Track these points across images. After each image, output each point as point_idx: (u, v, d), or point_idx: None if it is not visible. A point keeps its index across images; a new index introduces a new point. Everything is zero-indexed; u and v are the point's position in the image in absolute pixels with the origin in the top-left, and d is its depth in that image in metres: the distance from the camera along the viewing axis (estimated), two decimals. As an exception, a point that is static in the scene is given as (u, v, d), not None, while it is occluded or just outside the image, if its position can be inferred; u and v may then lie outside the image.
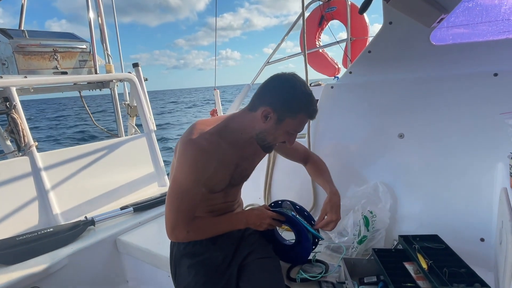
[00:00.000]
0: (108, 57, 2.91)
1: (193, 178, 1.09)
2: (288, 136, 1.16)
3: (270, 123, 1.12)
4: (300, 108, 1.11)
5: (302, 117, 1.13)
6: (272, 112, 1.10)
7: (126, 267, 1.95)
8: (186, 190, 1.09)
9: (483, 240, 1.35)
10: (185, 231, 1.12)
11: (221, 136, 1.15)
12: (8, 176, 1.88)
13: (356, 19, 3.55)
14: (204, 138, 1.10)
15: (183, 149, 1.10)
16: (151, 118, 2.76)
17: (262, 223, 1.22)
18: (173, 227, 1.11)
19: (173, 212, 1.11)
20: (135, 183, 2.48)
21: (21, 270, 1.53)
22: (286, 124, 1.12)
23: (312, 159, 1.52)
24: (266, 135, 1.16)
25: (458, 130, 1.45)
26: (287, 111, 1.10)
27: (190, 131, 1.13)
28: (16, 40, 2.23)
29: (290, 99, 1.10)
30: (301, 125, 1.15)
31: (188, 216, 1.12)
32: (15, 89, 1.99)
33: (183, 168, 1.09)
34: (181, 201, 1.10)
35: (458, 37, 1.62)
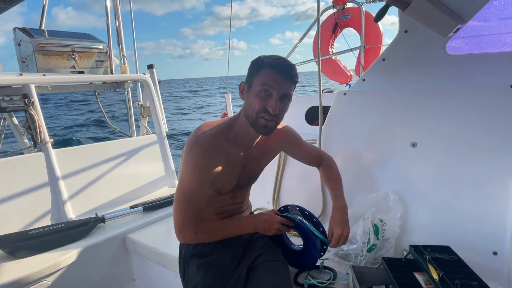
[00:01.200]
0: (123, 58, 2.97)
1: (197, 180, 1.11)
2: (260, 98, 1.08)
3: (245, 95, 1.15)
4: (262, 65, 1.08)
5: (265, 71, 1.08)
6: (244, 83, 1.15)
7: (134, 266, 1.97)
8: (192, 191, 1.11)
9: (496, 253, 1.32)
10: (192, 232, 1.13)
11: (225, 137, 1.16)
12: (23, 171, 1.92)
13: (370, 27, 3.55)
14: (206, 139, 1.11)
15: (186, 150, 1.11)
16: (163, 119, 2.79)
17: (270, 228, 1.22)
18: (181, 228, 1.13)
19: (180, 214, 1.12)
20: (145, 183, 2.51)
21: (32, 264, 1.56)
22: (254, 86, 1.10)
23: (325, 164, 1.49)
24: (247, 109, 1.13)
25: (472, 141, 1.43)
26: (252, 73, 1.11)
27: (194, 133, 1.15)
28: (37, 39, 2.30)
29: (254, 62, 1.12)
30: (266, 79, 1.07)
31: (195, 218, 1.13)
32: (34, 87, 2.04)
33: (187, 170, 1.11)
34: (187, 203, 1.11)
35: (475, 47, 1.61)
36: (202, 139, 1.11)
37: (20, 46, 2.39)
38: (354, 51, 3.46)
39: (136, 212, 2.12)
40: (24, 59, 2.36)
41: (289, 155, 1.55)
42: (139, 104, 3.05)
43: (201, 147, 1.10)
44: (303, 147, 1.47)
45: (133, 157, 2.47)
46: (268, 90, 1.08)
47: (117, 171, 2.35)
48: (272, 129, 1.15)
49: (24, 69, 2.37)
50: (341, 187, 1.41)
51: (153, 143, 2.63)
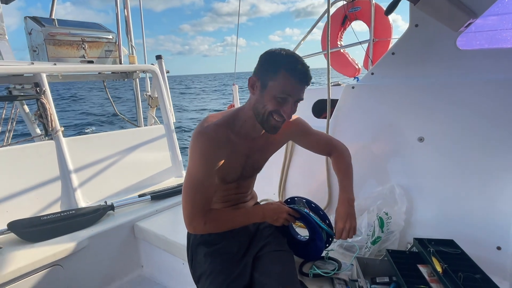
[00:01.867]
0: (132, 48, 2.99)
1: (204, 169, 1.12)
2: (276, 102, 1.07)
3: (257, 93, 1.11)
4: (280, 67, 1.05)
5: (283, 76, 1.05)
6: (256, 79, 1.10)
7: (142, 253, 2.01)
8: (199, 181, 1.12)
9: (500, 248, 1.33)
10: (202, 222, 1.14)
11: (229, 127, 1.17)
12: (35, 159, 1.97)
13: (380, 20, 3.51)
14: (211, 128, 1.13)
15: (192, 141, 1.13)
16: (171, 110, 2.82)
17: (278, 218, 1.25)
18: (190, 218, 1.14)
19: (189, 204, 1.13)
20: (153, 172, 2.55)
21: (45, 248, 1.61)
22: (270, 88, 1.07)
23: (336, 152, 1.46)
24: (258, 107, 1.12)
25: (479, 137, 1.43)
26: (268, 73, 1.07)
27: (200, 124, 1.16)
28: (47, 28, 2.32)
29: (269, 60, 1.08)
30: (285, 86, 1.06)
31: (204, 207, 1.14)
32: (45, 76, 2.07)
33: (194, 160, 1.12)
34: (195, 193, 1.12)
35: (485, 42, 1.59)
36: (208, 129, 1.13)
37: (31, 35, 2.42)
38: (362, 45, 3.43)
39: (144, 201, 2.17)
40: (35, 48, 2.39)
41: (298, 144, 1.53)
42: (147, 94, 3.08)
43: (207, 136, 1.11)
44: (312, 136, 1.44)
45: (141, 147, 2.50)
46: (285, 97, 1.08)
47: (125, 160, 2.39)
48: (279, 129, 1.17)
49: (35, 58, 2.40)
50: (349, 179, 1.39)
51: (161, 134, 2.66)
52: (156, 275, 1.98)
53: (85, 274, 1.76)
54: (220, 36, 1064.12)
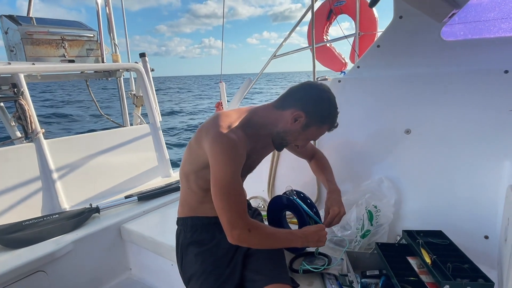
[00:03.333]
0: (115, 46, 2.92)
1: (232, 171, 1.07)
2: (306, 141, 1.25)
3: (296, 126, 1.18)
4: (327, 121, 1.20)
5: (325, 128, 1.22)
6: (304, 117, 1.16)
7: (129, 255, 1.97)
8: (231, 185, 1.06)
9: (487, 237, 1.34)
10: (246, 229, 1.05)
11: (245, 130, 1.16)
12: (15, 162, 1.90)
13: (365, 14, 3.51)
14: (233, 132, 1.10)
15: (214, 143, 1.07)
16: (157, 109, 2.76)
17: (320, 237, 1.19)
18: (231, 226, 1.05)
19: (227, 212, 1.05)
20: (139, 173, 2.50)
21: (27, 254, 1.56)
22: (310, 131, 1.19)
23: (317, 156, 1.60)
24: (288, 136, 1.20)
25: (466, 127, 1.44)
26: (317, 120, 1.18)
27: (216, 124, 1.11)
28: (24, 27, 2.23)
29: (324, 111, 1.18)
30: (321, 135, 1.25)
31: (242, 212, 1.07)
32: (23, 76, 2.00)
33: (221, 164, 1.06)
34: (230, 197, 1.05)
35: (469, 33, 1.60)
36: (231, 132, 1.09)
37: (7, 34, 2.33)
38: (348, 38, 3.43)
39: (131, 202, 2.12)
40: (12, 47, 2.30)
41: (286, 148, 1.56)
42: (132, 93, 3.01)
43: (231, 139, 1.07)
44: None
45: (127, 147, 2.44)
46: (314, 139, 1.24)
47: (110, 161, 2.33)
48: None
49: (12, 58, 2.31)
50: (333, 174, 1.52)
51: (147, 133, 2.60)
52: (145, 277, 1.94)
53: (71, 280, 1.70)
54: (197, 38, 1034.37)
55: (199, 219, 1.27)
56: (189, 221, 1.28)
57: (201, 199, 1.25)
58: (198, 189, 1.24)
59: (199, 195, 1.25)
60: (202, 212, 1.27)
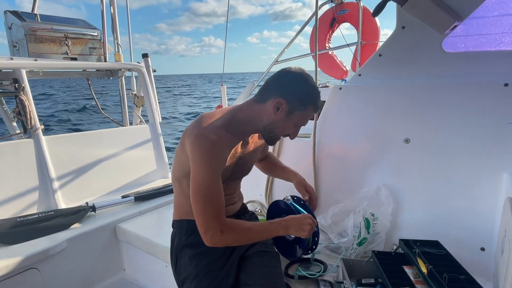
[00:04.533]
0: (118, 46, 2.93)
1: (210, 173, 1.06)
2: (294, 128, 1.20)
3: (280, 115, 1.14)
4: (310, 102, 1.16)
5: (310, 110, 1.17)
6: (285, 103, 1.12)
7: (124, 255, 1.96)
8: (208, 187, 1.05)
9: (484, 249, 1.34)
10: (219, 231, 1.05)
11: (227, 129, 1.14)
12: (13, 158, 1.89)
13: (368, 23, 3.54)
14: (212, 131, 1.08)
15: (194, 144, 1.07)
16: (157, 109, 2.77)
17: (302, 225, 1.16)
18: (205, 229, 1.05)
19: (201, 214, 1.05)
20: (137, 173, 2.49)
21: (20, 251, 1.54)
22: (295, 116, 1.15)
23: (269, 155, 1.65)
24: (275, 127, 1.17)
25: (465, 138, 1.44)
26: (298, 104, 1.14)
27: (197, 125, 1.12)
28: (28, 23, 2.24)
29: (302, 92, 1.14)
30: (308, 118, 1.20)
31: (217, 215, 1.06)
32: (25, 72, 2.00)
33: (199, 166, 1.06)
34: (205, 200, 1.05)
35: (470, 45, 1.61)
36: (208, 131, 1.08)
37: (11, 29, 2.33)
38: (350, 47, 3.45)
39: (128, 202, 2.11)
40: (15, 43, 2.30)
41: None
42: (132, 93, 3.02)
43: (210, 141, 1.06)
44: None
45: (126, 147, 2.44)
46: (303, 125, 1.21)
47: (109, 160, 2.32)
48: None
49: (15, 54, 2.31)
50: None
51: (146, 133, 2.60)
52: (139, 278, 1.92)
53: (64, 278, 1.69)
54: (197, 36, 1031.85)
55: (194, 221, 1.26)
56: (185, 224, 1.27)
57: None
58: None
59: None
60: None
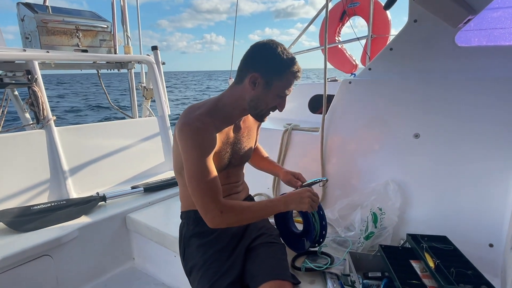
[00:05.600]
0: (127, 38, 2.94)
1: (200, 156, 1.09)
2: (279, 99, 1.17)
3: (259, 89, 1.14)
4: (285, 68, 1.12)
5: (288, 77, 1.14)
6: (260, 77, 1.12)
7: (133, 244, 2.00)
8: (200, 171, 1.08)
9: (492, 245, 1.34)
10: (218, 211, 1.08)
11: (212, 115, 1.16)
12: (25, 148, 1.93)
13: (379, 16, 3.49)
14: (196, 119, 1.11)
15: (180, 134, 1.10)
16: (166, 102, 2.78)
17: (302, 199, 1.19)
18: (205, 211, 1.08)
19: (199, 198, 1.09)
20: (146, 165, 2.52)
21: (34, 238, 1.58)
22: (275, 87, 1.13)
23: (257, 146, 1.60)
24: (258, 102, 1.16)
25: (475, 134, 1.43)
26: (273, 73, 1.12)
27: (183, 116, 1.14)
28: (40, 15, 2.27)
29: (274, 61, 1.11)
30: (289, 86, 1.16)
31: (214, 196, 1.09)
32: (38, 63, 2.03)
33: (188, 153, 1.09)
34: (199, 184, 1.08)
35: (484, 39, 1.59)
36: (192, 119, 1.10)
37: (23, 21, 2.36)
38: (360, 41, 3.41)
39: (137, 193, 2.14)
40: (27, 35, 2.34)
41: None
42: (142, 85, 3.04)
43: (193, 127, 1.09)
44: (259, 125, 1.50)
45: (135, 139, 2.47)
46: (285, 95, 1.17)
47: (118, 152, 2.36)
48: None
49: (27, 45, 2.35)
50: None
51: (155, 126, 2.63)
52: (148, 267, 1.96)
53: (75, 265, 1.73)
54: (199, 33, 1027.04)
55: None
56: (192, 214, 1.29)
57: None
58: None
59: None
60: None
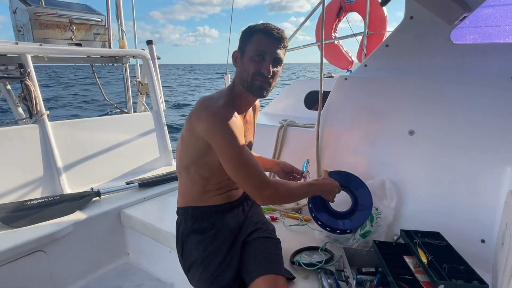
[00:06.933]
0: (122, 32, 2.91)
1: (238, 142, 1.09)
2: (255, 63, 1.13)
3: (239, 62, 1.19)
4: (254, 31, 1.14)
5: (257, 37, 1.14)
6: (237, 51, 1.19)
7: (128, 240, 1.99)
8: (242, 155, 1.10)
9: (484, 241, 1.35)
10: (272, 188, 1.14)
11: (232, 106, 1.18)
12: (18, 143, 1.91)
13: (375, 13, 3.49)
14: (222, 107, 1.11)
15: (209, 124, 1.07)
16: (161, 97, 2.76)
17: (333, 191, 1.32)
18: (258, 189, 1.12)
19: (250, 179, 1.12)
20: (141, 160, 2.51)
21: (27, 234, 1.57)
22: (247, 52, 1.15)
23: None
24: (243, 74, 1.17)
25: (469, 131, 1.44)
26: (245, 41, 1.16)
27: (203, 107, 1.11)
28: (33, 7, 2.23)
29: (246, 30, 1.17)
30: (259, 45, 1.13)
31: (263, 175, 1.13)
32: (30, 57, 2.00)
33: (226, 142, 1.08)
34: (248, 165, 1.11)
35: (479, 37, 1.59)
36: (218, 108, 1.10)
37: (15, 14, 2.32)
38: (357, 37, 3.41)
39: (132, 188, 2.13)
40: (19, 28, 2.30)
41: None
42: (137, 80, 3.02)
43: (222, 115, 1.09)
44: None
45: (130, 134, 2.45)
46: (261, 54, 1.13)
47: (113, 147, 2.34)
48: (267, 91, 1.18)
49: (19, 38, 2.31)
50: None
51: (150, 121, 2.61)
52: (142, 262, 1.96)
53: (70, 261, 1.73)
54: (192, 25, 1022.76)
55: (200, 208, 1.28)
56: (189, 210, 1.29)
57: (202, 189, 1.25)
58: (200, 179, 1.23)
59: (200, 185, 1.25)
60: (203, 202, 1.28)
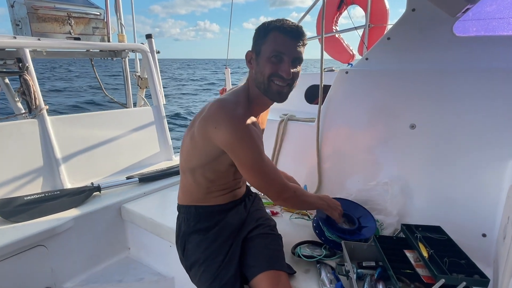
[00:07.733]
0: (121, 26, 2.88)
1: (258, 150, 1.08)
2: (271, 64, 1.06)
3: (254, 64, 1.12)
4: (269, 29, 1.06)
5: (273, 36, 1.05)
6: (251, 52, 1.13)
7: (128, 235, 1.99)
8: (262, 162, 1.11)
9: (485, 235, 1.35)
10: (291, 191, 1.20)
11: (247, 109, 1.13)
12: (18, 137, 1.90)
13: (377, 5, 3.46)
14: (241, 113, 1.06)
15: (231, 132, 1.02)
16: (161, 91, 2.75)
17: (333, 211, 1.38)
18: (279, 191, 1.18)
19: (271, 185, 1.16)
20: (141, 155, 2.50)
21: (28, 228, 1.57)
22: (263, 52, 1.07)
23: None
24: (258, 76, 1.10)
25: (471, 125, 1.43)
26: (260, 41, 1.08)
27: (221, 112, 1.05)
28: (31, 1, 2.20)
29: (260, 28, 1.09)
30: (276, 45, 1.05)
31: (282, 179, 1.18)
32: (29, 51, 1.98)
33: (246, 149, 1.06)
34: (266, 174, 1.13)
35: (482, 29, 1.57)
36: (239, 120, 1.04)
37: (13, 7, 2.30)
38: (358, 30, 3.38)
39: (132, 183, 2.13)
40: (17, 21, 2.28)
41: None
42: (136, 74, 3.00)
43: (241, 123, 1.04)
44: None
45: (130, 129, 2.44)
46: (278, 55, 1.05)
47: (113, 141, 2.33)
48: (287, 95, 1.12)
49: (17, 32, 2.29)
50: None
51: (150, 115, 2.60)
52: (143, 257, 1.97)
53: (70, 256, 1.73)
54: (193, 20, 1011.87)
55: (203, 208, 1.26)
56: (192, 210, 1.26)
57: (206, 190, 1.23)
58: (205, 181, 1.20)
59: (204, 187, 1.22)
60: (207, 201, 1.25)
